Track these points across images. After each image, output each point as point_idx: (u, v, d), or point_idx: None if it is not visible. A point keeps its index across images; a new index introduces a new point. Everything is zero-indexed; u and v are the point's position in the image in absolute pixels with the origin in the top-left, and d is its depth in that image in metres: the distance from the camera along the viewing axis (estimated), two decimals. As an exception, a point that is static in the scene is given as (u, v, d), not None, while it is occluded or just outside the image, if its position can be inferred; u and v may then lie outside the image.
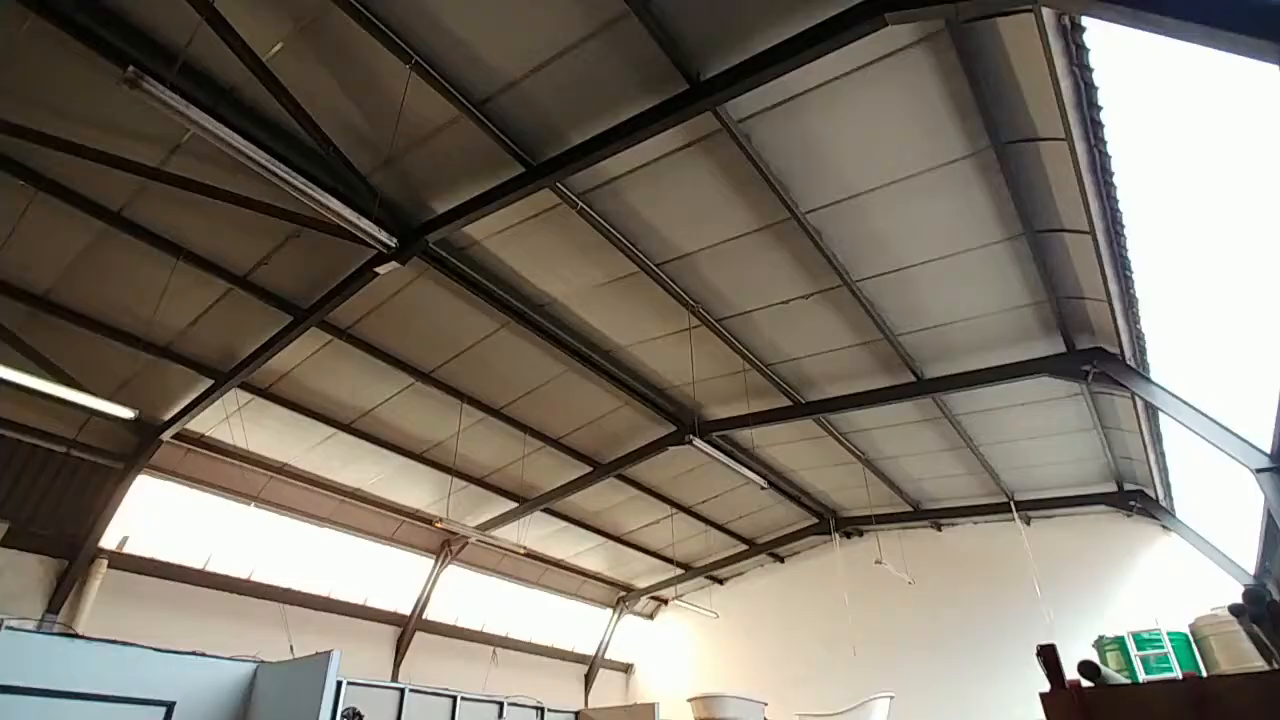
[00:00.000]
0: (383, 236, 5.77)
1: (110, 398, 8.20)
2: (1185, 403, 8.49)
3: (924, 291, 8.93)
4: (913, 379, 10.50)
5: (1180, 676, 6.69)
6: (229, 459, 11.48)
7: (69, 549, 10.39)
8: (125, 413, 8.13)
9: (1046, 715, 2.51)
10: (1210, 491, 11.82)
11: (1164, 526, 13.56)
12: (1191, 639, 9.31)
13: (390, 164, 7.32)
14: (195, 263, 8.24)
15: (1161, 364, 8.78)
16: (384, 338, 9.91)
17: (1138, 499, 13.38)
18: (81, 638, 5.78)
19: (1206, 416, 8.31)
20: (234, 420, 10.79)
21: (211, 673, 5.94)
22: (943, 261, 8.40)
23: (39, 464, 10.03)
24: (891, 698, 12.78)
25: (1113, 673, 2.67)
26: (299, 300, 8.98)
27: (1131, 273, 7.40)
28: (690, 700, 12.81)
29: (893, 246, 8.27)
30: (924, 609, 15.12)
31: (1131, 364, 8.94)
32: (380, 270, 7.71)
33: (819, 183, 7.46)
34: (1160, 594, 12.44)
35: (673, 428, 12.07)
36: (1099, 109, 5.81)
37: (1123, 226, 6.89)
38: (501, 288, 9.07)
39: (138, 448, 10.57)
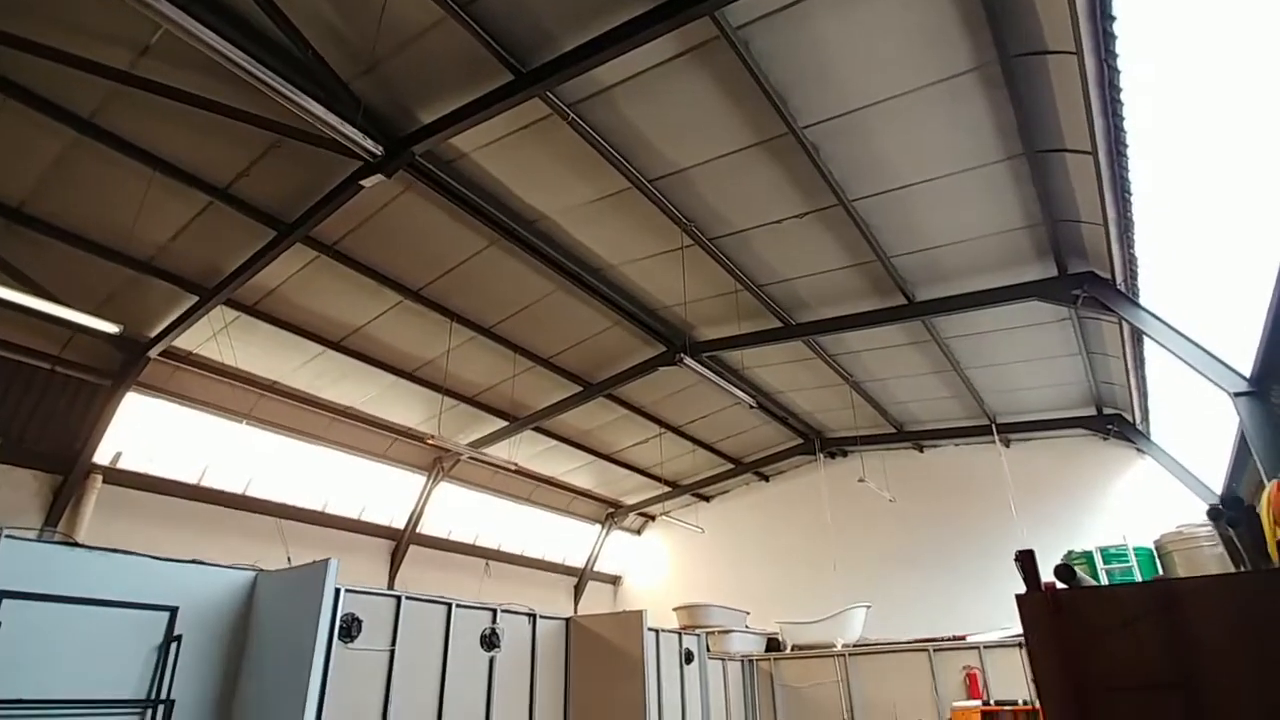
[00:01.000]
0: (368, 144, 5.57)
1: (93, 314, 8.10)
2: (1171, 327, 8.58)
3: (919, 212, 8.82)
4: (904, 301, 10.52)
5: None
6: (218, 376, 11.46)
7: (62, 464, 10.48)
8: (109, 327, 8.04)
9: (1021, 616, 2.63)
10: (1186, 416, 12.10)
11: (1139, 450, 13.95)
12: (1156, 554, 9.73)
13: (373, 70, 7.01)
14: (172, 174, 7.98)
15: (1150, 289, 8.82)
16: (371, 254, 9.75)
17: (1115, 423, 13.71)
18: (83, 546, 5.87)
19: (1190, 341, 8.41)
20: (221, 338, 10.71)
21: (212, 580, 6.09)
22: (940, 181, 8.26)
23: (24, 381, 9.98)
24: (868, 607, 13.41)
25: (1086, 576, 2.78)
26: (282, 214, 8.77)
27: (1130, 195, 7.32)
28: (676, 609, 13.41)
29: (890, 165, 8.11)
30: (903, 526, 15.65)
31: (1122, 289, 8.96)
32: (365, 183, 7.50)
33: (819, 96, 7.23)
34: (1131, 515, 12.89)
35: (663, 348, 12.11)
36: (1112, 19, 5.60)
37: (1125, 147, 6.76)
38: (490, 203, 8.87)
39: (125, 365, 10.51)
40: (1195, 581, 2.56)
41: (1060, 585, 2.60)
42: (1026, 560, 2.65)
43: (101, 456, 10.89)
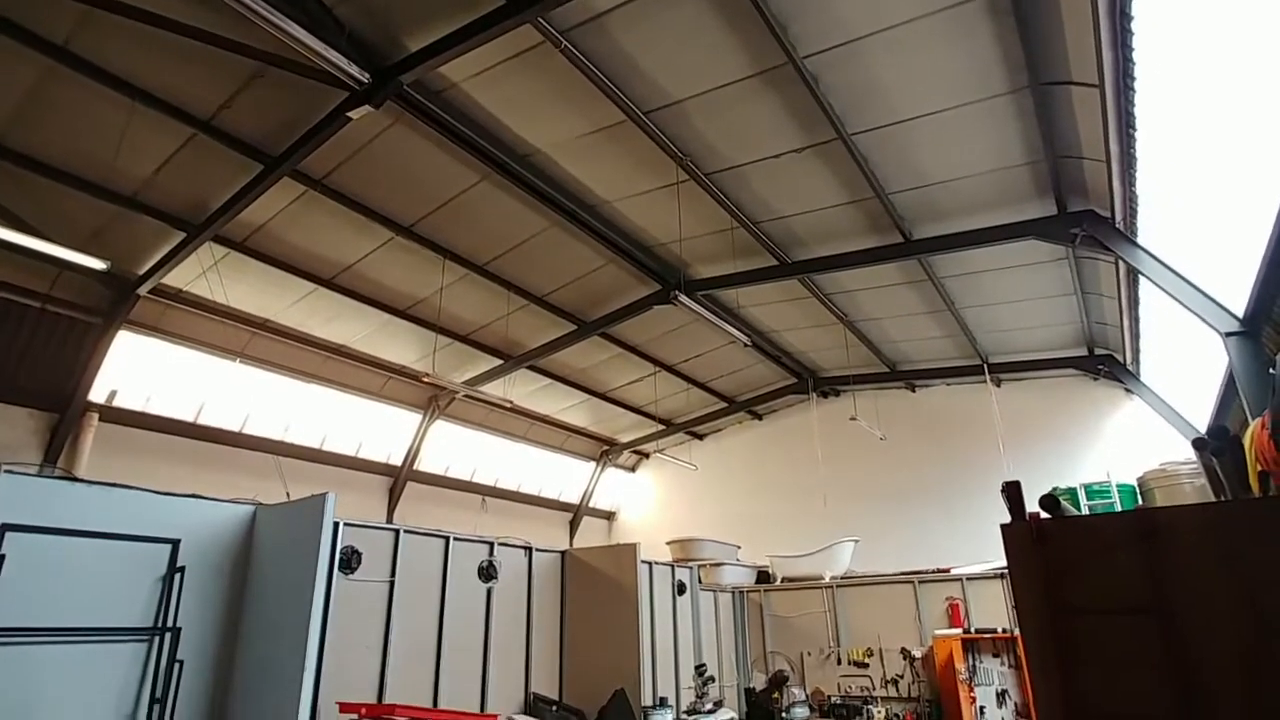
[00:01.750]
0: (353, 70, 5.40)
1: (79, 251, 7.98)
2: (1167, 267, 8.55)
3: (919, 148, 8.66)
4: (900, 240, 10.43)
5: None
6: (210, 315, 11.39)
7: (57, 402, 10.50)
8: (96, 264, 7.93)
9: (1005, 545, 2.70)
10: (1175, 357, 12.19)
11: (1127, 390, 14.10)
12: (1138, 490, 9.97)
13: (356, -7, 6.72)
14: (153, 104, 7.73)
15: (1148, 228, 8.75)
16: (361, 189, 9.56)
17: (1106, 363, 13.81)
18: (84, 481, 5.93)
19: (1185, 280, 8.40)
20: (211, 275, 10.58)
21: (212, 514, 6.18)
22: (942, 115, 8.07)
23: (14, 319, 9.89)
24: (856, 541, 13.76)
25: (1069, 507, 2.84)
26: (268, 148, 8.54)
27: (1135, 130, 7.17)
28: (669, 543, 13.74)
29: (891, 97, 7.91)
30: (893, 464, 15.93)
31: (1120, 227, 8.89)
32: (353, 114, 7.30)
33: (819, 24, 6.99)
34: (1118, 454, 13.10)
35: (658, 286, 12.05)
36: (1126, -57, 5.38)
37: (1133, 80, 6.59)
38: (481, 136, 8.65)
39: (115, 303, 10.41)
40: (1174, 510, 2.62)
41: (1044, 515, 2.67)
42: (1013, 491, 2.70)
43: (97, 395, 10.91)
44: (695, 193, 9.64)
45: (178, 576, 5.76)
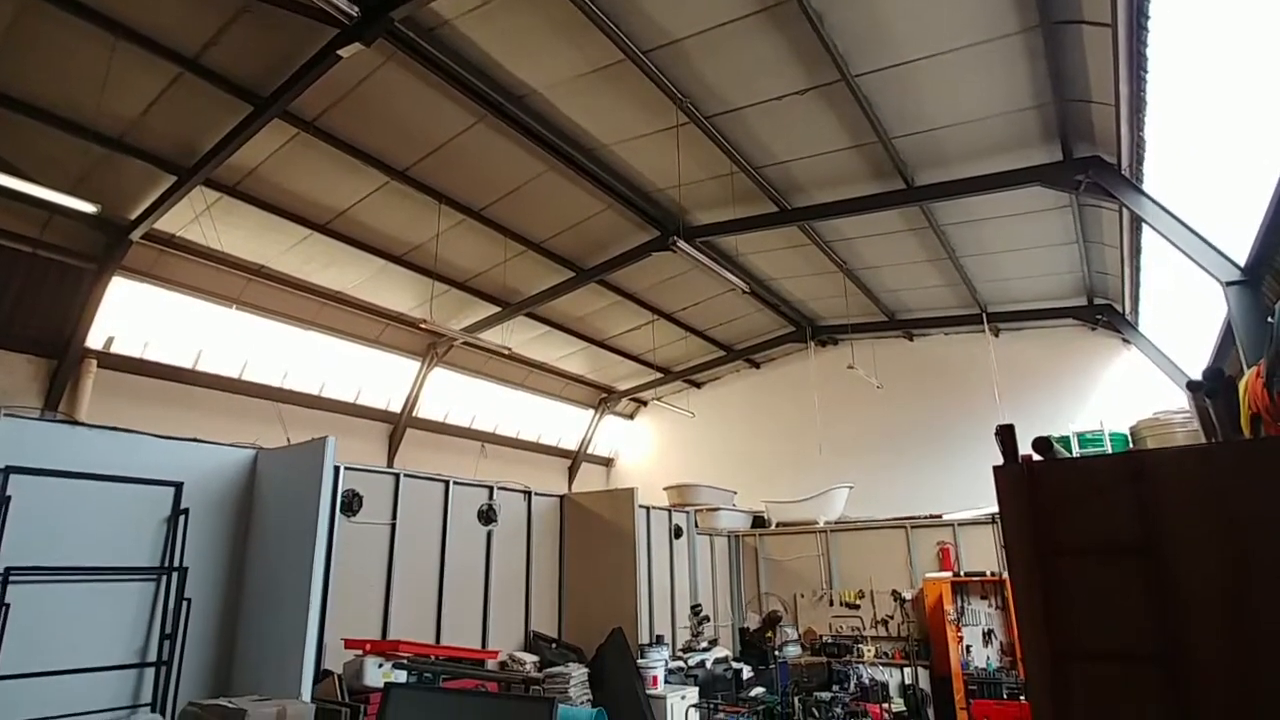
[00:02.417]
0: (341, 3, 5.21)
1: (68, 194, 7.85)
2: (1171, 214, 8.45)
3: (925, 90, 8.46)
4: (903, 186, 10.28)
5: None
6: (204, 261, 11.28)
7: (54, 349, 10.49)
8: (86, 207, 7.81)
9: (997, 486, 2.73)
10: (1174, 307, 12.17)
11: (1125, 340, 14.12)
12: (1130, 438, 10.10)
13: (343, -78, 6.44)
14: (136, 41, 7.48)
15: (1153, 175, 8.62)
16: (354, 131, 9.36)
17: (1105, 313, 13.79)
18: (86, 425, 5.98)
19: (1188, 228, 8.32)
20: (204, 220, 10.44)
21: (214, 457, 6.25)
22: (949, 56, 7.86)
23: (6, 264, 9.78)
24: (850, 487, 13.98)
25: (1062, 450, 2.88)
26: (257, 88, 8.32)
27: (1146, 72, 6.99)
28: (666, 489, 13.95)
29: (898, 37, 7.68)
30: (889, 412, 16.04)
31: (1126, 174, 8.76)
32: (343, 53, 7.08)
33: (825, -42, 6.74)
34: (1112, 404, 13.19)
35: (656, 233, 11.92)
36: None
37: (1147, 19, 6.40)
38: (476, 76, 8.43)
39: (107, 248, 10.28)
40: (1166, 452, 2.65)
41: (1037, 458, 2.70)
42: (1006, 434, 2.72)
43: (94, 341, 10.89)
44: (695, 136, 9.45)
45: (182, 518, 5.86)
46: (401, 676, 5.77)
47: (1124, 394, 13.56)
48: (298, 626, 5.34)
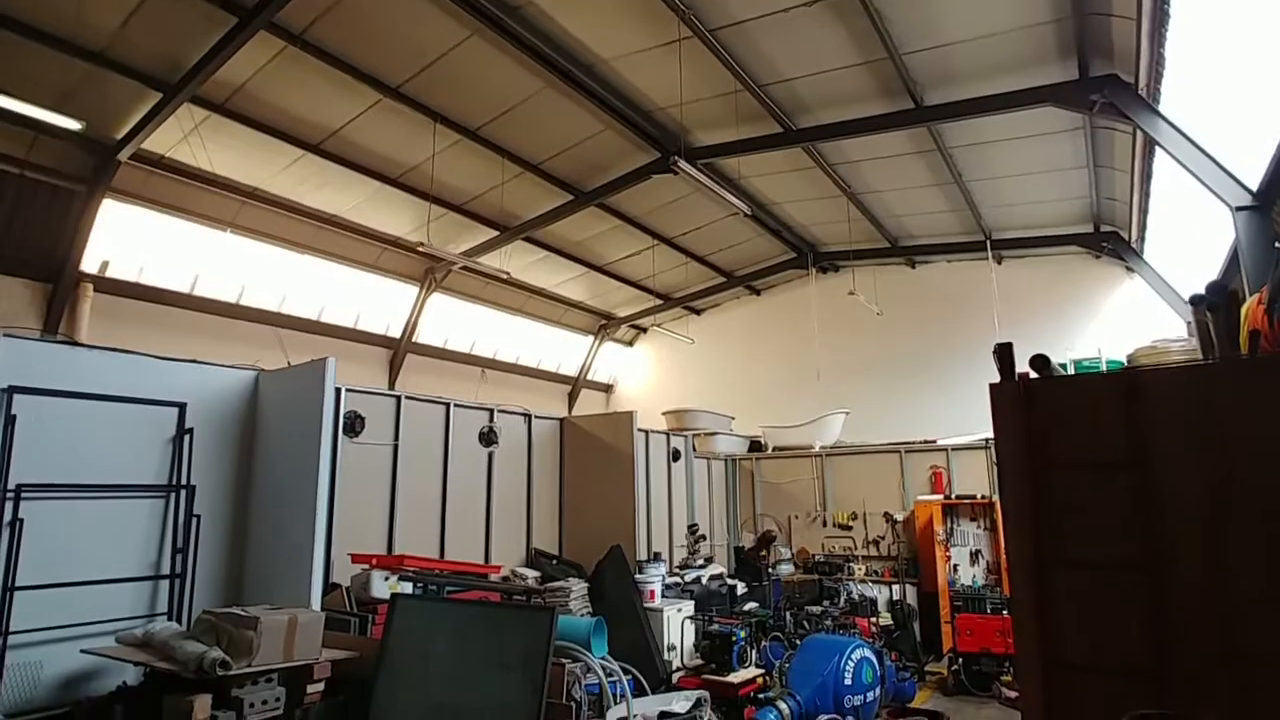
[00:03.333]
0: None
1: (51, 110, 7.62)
2: (1185, 136, 8.23)
3: (939, 1, 8.09)
4: (911, 106, 9.97)
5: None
6: (196, 183, 11.05)
7: (49, 272, 10.39)
8: (70, 123, 7.62)
9: (993, 404, 2.76)
10: (1180, 235, 12.01)
11: (1128, 269, 14.00)
12: (1127, 365, 10.12)
13: None
14: (110, -57, 7.12)
15: (1169, 96, 8.35)
16: (344, 45, 9.00)
17: (1110, 241, 13.63)
18: (88, 346, 5.98)
19: (1202, 152, 8.12)
20: (193, 140, 10.17)
21: (216, 378, 6.28)
22: (966, -36, 7.49)
23: (-6, 186, 9.61)
24: (847, 413, 14.14)
25: (1059, 367, 2.89)
26: (241, -3, 7.96)
27: (1171, -17, 6.68)
28: (665, 414, 14.10)
29: (912, -57, 7.30)
30: (888, 339, 16.07)
31: (1142, 94, 8.48)
32: (327, -43, 6.74)
33: None
34: (1113, 333, 13.18)
35: (657, 154, 11.64)
36: None
37: (1175, -77, 6.06)
38: (468, -16, 8.05)
39: (96, 169, 10.06)
40: (1161, 370, 2.67)
41: (1034, 375, 2.71)
42: (1004, 352, 2.73)
43: (89, 265, 10.77)
44: (697, 51, 9.10)
45: (187, 438, 5.94)
46: (407, 589, 5.98)
47: (1124, 323, 13.55)
48: (305, 542, 5.50)
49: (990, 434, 11.59)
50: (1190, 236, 11.20)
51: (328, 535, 5.92)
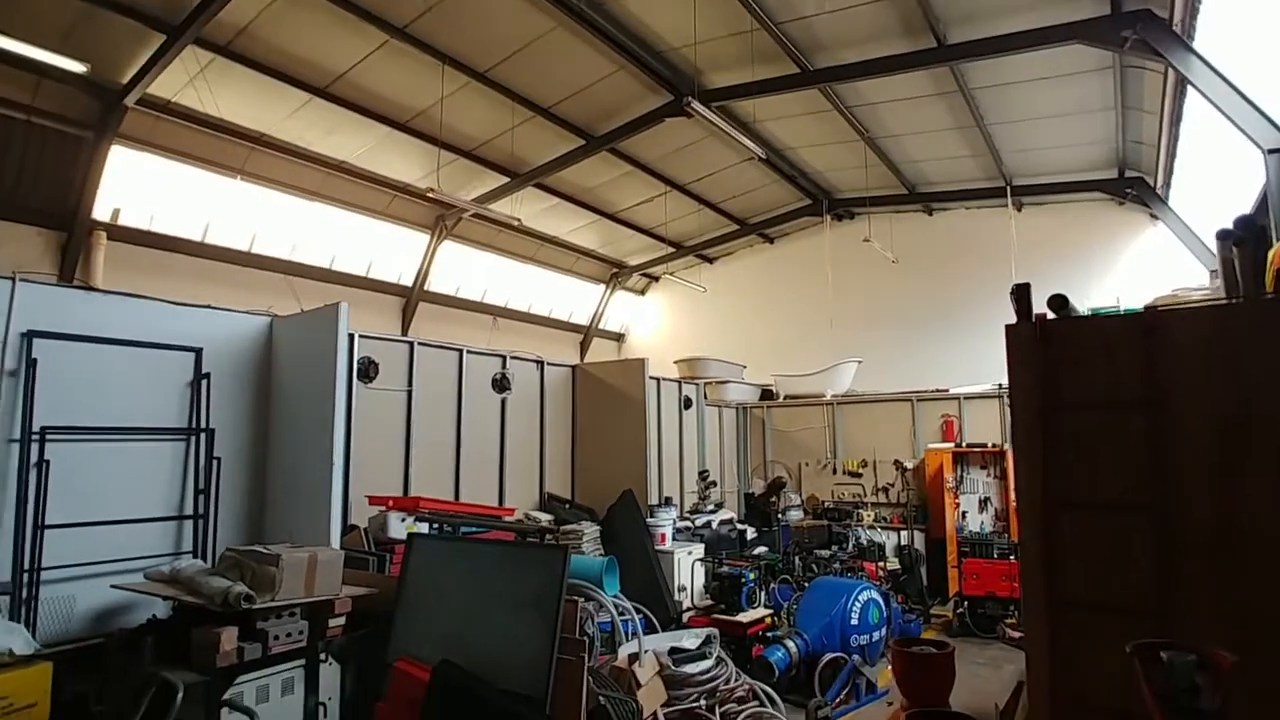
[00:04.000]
0: None
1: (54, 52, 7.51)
2: (1219, 75, 7.92)
3: (965, -68, 7.74)
4: (934, 44, 9.63)
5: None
6: (204, 129, 10.93)
7: (62, 220, 10.41)
8: (74, 66, 7.52)
9: (1008, 345, 2.73)
10: (1207, 180, 11.68)
11: (1152, 215, 13.67)
12: (1147, 313, 9.99)
13: None
14: (105, -126, 6.89)
15: (1204, 32, 8.00)
16: (347, -18, 8.77)
17: (1135, 186, 13.28)
18: (105, 292, 6.02)
19: (1236, 90, 7.81)
20: (200, 84, 10.03)
21: (231, 324, 6.33)
22: (995, -110, 7.12)
23: (3, 133, 9.54)
24: (859, 362, 14.11)
25: (1076, 308, 2.85)
26: (241, -70, 7.73)
27: (1212, -93, 6.33)
28: (676, 362, 14.13)
29: None
30: (903, 287, 15.90)
31: (1176, 30, 8.13)
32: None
33: None
34: (1133, 281, 12.94)
35: (669, 97, 11.36)
36: None
37: None
38: (475, -83, 7.76)
39: (102, 115, 9.96)
40: (1181, 310, 2.62)
41: (1050, 315, 2.68)
42: (1021, 293, 2.69)
43: (101, 213, 10.77)
44: (712, -14, 8.79)
45: (204, 382, 6.02)
46: (424, 529, 6.12)
47: (1145, 271, 13.30)
48: (323, 484, 5.61)
49: (1003, 381, 11.56)
50: (1218, 181, 10.90)
51: (345, 478, 6.04)
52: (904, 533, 11.47)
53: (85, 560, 5.16)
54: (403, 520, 6.24)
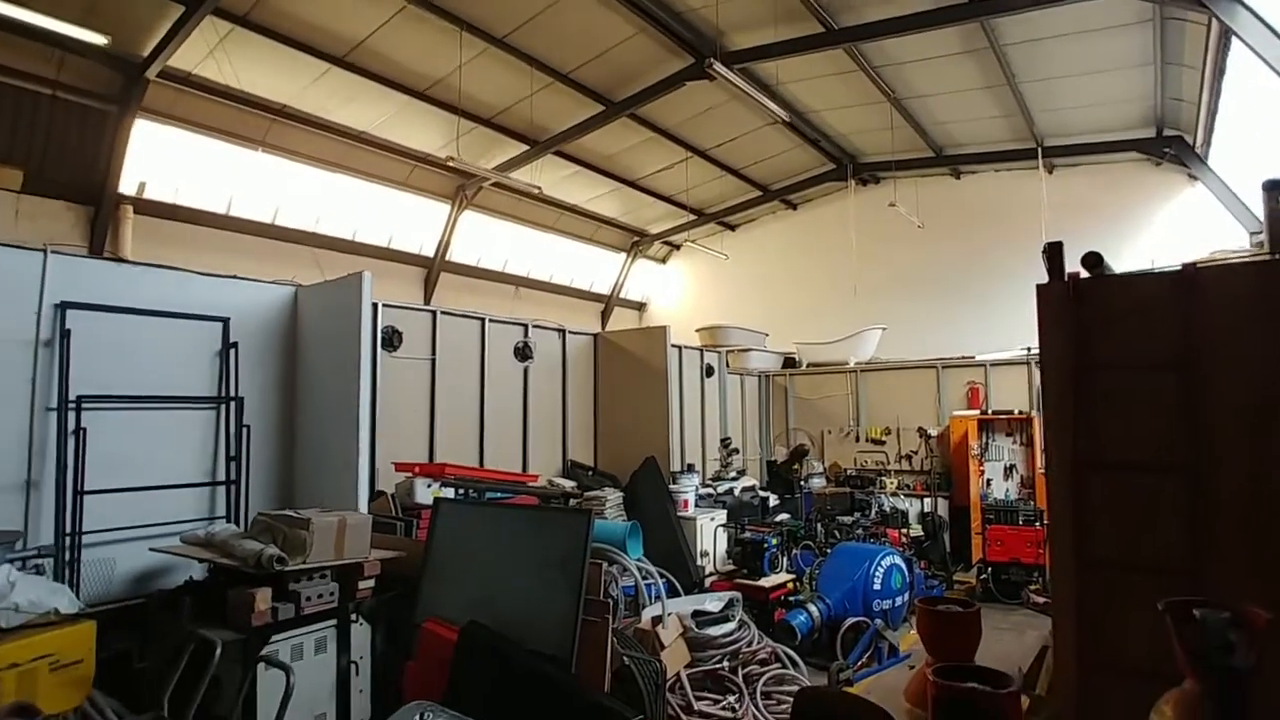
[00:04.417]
0: None
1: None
2: (1266, 24, 7.57)
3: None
4: (964, -1, 9.33)
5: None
6: (224, 100, 10.96)
7: (89, 195, 10.54)
8: (95, 38, 7.55)
9: (1039, 305, 2.66)
10: (1250, 138, 11.26)
11: (1190, 176, 13.23)
12: (1183, 276, 9.72)
13: None
14: None
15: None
16: (362, -53, 8.66)
17: (1174, 146, 12.84)
18: (135, 263, 6.10)
19: (1283, 40, 7.48)
20: (219, 55, 10.03)
21: (256, 294, 6.40)
22: None
23: (29, 108, 9.64)
24: (884, 329, 13.95)
25: (1112, 266, 2.77)
26: (255, -105, 7.64)
27: None
28: (698, 330, 14.06)
29: None
30: (929, 253, 15.60)
31: (1223, -26, 7.78)
32: None
33: None
34: (1169, 244, 12.55)
35: (690, 59, 11.15)
36: None
37: None
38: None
39: (125, 88, 10.03)
40: (1222, 267, 2.53)
41: (1084, 274, 2.60)
42: (1054, 251, 2.62)
43: (127, 187, 10.89)
44: (733, -57, 8.55)
45: (232, 352, 6.11)
46: (449, 495, 6.21)
47: (1181, 234, 12.90)
48: (350, 451, 5.69)
49: (1032, 346, 11.35)
50: (1262, 139, 10.50)
51: (371, 445, 6.12)
52: (927, 500, 11.43)
53: (123, 525, 5.31)
54: (429, 486, 6.34)
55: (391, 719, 3.80)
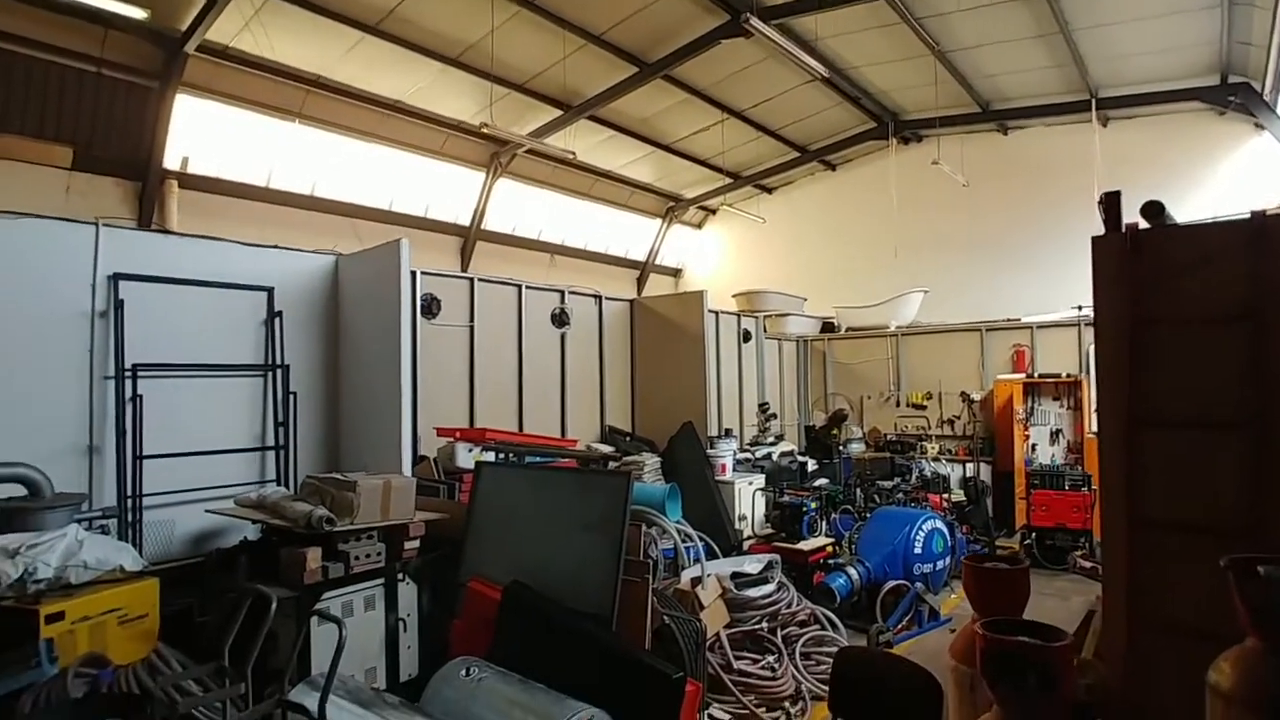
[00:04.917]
0: None
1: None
2: (1347, -44, 7.06)
3: None
4: (1014, -59, 8.86)
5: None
6: (262, 73, 11.06)
7: (136, 170, 10.78)
8: (135, 12, 7.66)
9: (1094, 258, 2.55)
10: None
11: (1258, 124, 12.52)
12: (1246, 231, 9.26)
13: None
14: None
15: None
16: (392, -90, 8.57)
17: (1239, 93, 12.14)
18: (183, 235, 6.26)
19: (1367, -26, 6.97)
20: (255, 27, 10.10)
21: (299, 263, 6.53)
22: None
23: (75, 86, 9.85)
24: (926, 292, 13.65)
25: (1174, 216, 2.63)
26: None
27: None
28: (735, 295, 13.95)
29: None
30: (973, 213, 15.10)
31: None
32: None
33: None
34: (1234, 197, 11.95)
35: (726, 17, 10.86)
36: None
37: None
38: None
39: (165, 63, 10.18)
40: (1295, 214, 2.39)
41: (1144, 225, 2.48)
42: (1110, 202, 2.49)
43: (171, 162, 11.11)
44: (770, -109, 8.24)
45: (277, 320, 6.26)
46: (490, 459, 6.31)
47: (1247, 185, 12.26)
48: (393, 417, 5.82)
49: (1082, 305, 10.98)
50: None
51: (413, 411, 6.24)
52: (969, 465, 11.27)
53: (180, 488, 5.53)
54: (470, 450, 6.45)
55: (440, 672, 3.92)
